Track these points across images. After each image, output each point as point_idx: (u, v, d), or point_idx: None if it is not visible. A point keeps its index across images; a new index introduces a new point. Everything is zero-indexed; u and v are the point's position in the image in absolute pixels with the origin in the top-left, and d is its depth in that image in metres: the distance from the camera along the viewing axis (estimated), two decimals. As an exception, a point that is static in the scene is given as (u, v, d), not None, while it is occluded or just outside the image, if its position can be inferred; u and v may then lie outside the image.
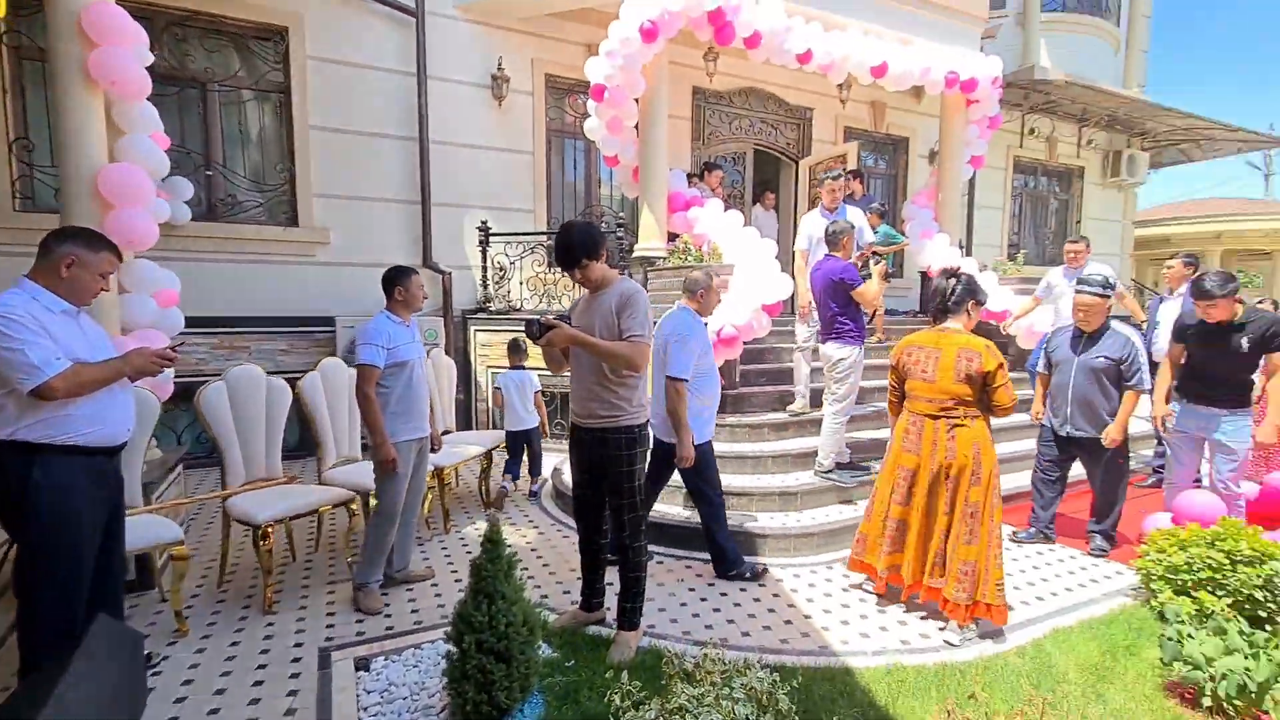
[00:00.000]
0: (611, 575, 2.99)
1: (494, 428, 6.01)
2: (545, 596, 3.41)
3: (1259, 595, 2.92)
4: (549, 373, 3.37)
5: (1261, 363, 3.72)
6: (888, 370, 3.40)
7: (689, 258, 5.37)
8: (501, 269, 6.49)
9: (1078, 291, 3.82)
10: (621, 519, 2.79)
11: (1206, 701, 2.43)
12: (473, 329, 6.30)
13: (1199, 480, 4.14)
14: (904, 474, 3.14)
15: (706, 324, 3.64)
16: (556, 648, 2.81)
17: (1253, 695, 2.35)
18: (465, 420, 6.16)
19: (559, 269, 2.97)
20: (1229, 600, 2.96)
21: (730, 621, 3.17)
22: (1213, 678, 2.41)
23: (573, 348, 2.69)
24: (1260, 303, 5.84)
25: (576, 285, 2.84)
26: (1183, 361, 3.94)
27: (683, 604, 3.34)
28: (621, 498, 2.75)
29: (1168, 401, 4.08)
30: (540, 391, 5.14)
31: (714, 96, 7.40)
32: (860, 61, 6.18)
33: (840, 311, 4.30)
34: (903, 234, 7.26)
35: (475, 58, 6.52)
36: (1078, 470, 4.15)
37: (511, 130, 6.78)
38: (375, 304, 3.44)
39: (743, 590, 3.49)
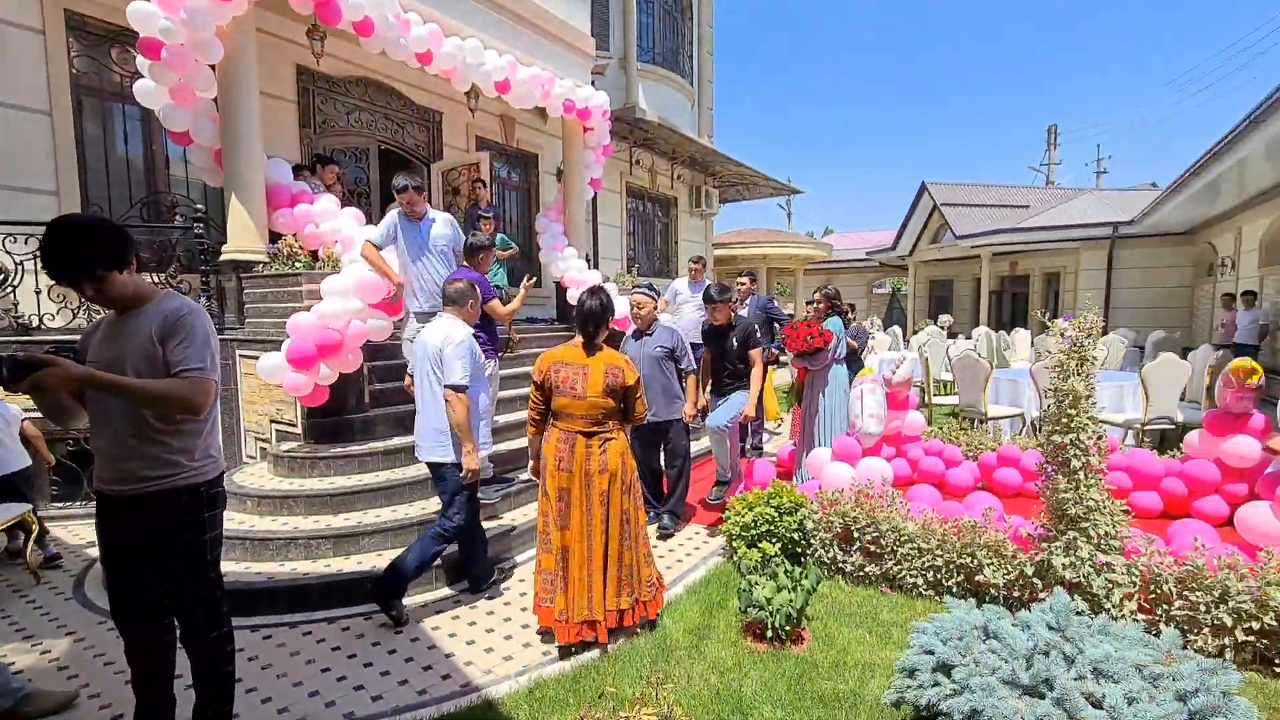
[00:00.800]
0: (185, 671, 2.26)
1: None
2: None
3: (795, 537, 3.81)
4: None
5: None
6: (530, 385, 3.25)
7: (297, 263, 4.59)
8: (3, 272, 4.58)
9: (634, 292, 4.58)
10: (193, 607, 2.12)
11: (770, 634, 3.03)
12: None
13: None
14: (561, 495, 3.07)
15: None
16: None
17: (794, 620, 3.02)
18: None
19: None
20: (780, 545, 3.80)
21: (359, 688, 2.74)
22: (772, 614, 3.02)
23: (89, 390, 1.92)
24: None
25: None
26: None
27: (297, 683, 2.76)
28: (193, 580, 2.09)
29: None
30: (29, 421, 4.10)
31: (326, 82, 6.55)
32: (485, 73, 6.20)
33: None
34: (538, 245, 7.63)
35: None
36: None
37: (7, 79, 4.82)
38: None
39: (375, 645, 3.07)
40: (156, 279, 4.73)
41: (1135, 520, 3.28)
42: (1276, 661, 2.74)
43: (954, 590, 3.41)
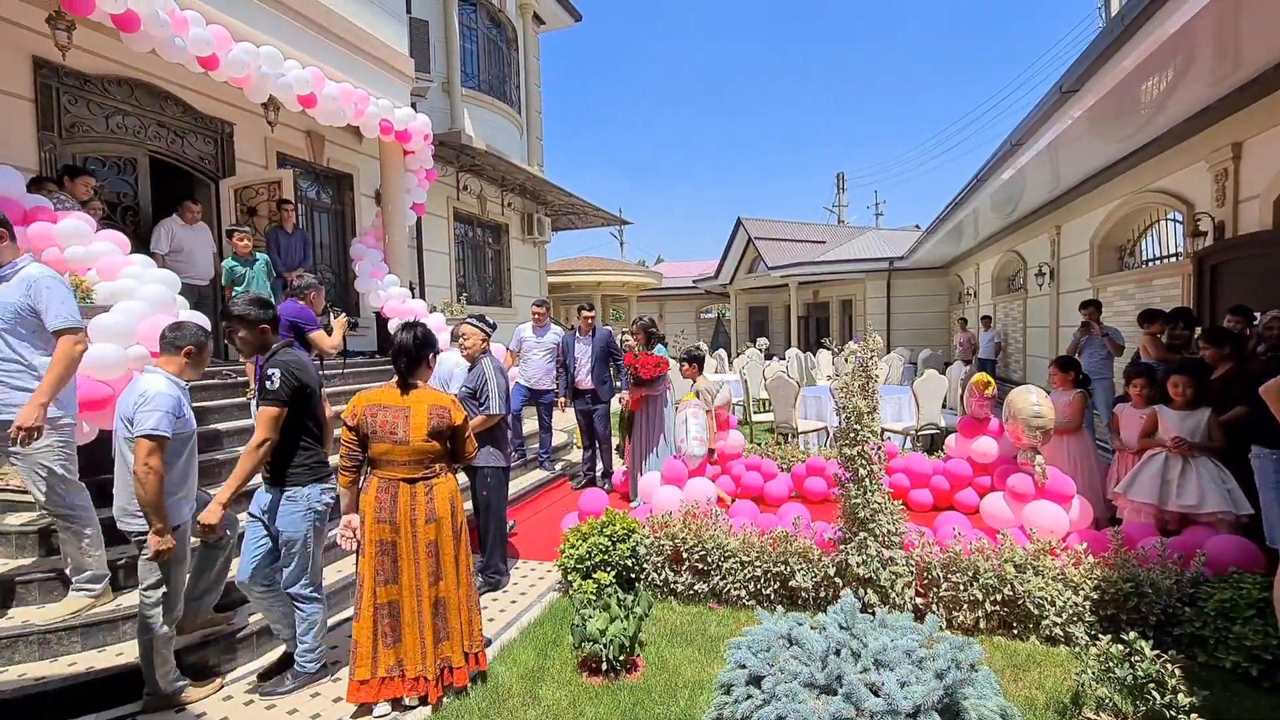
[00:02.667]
0: None
1: None
2: None
3: (629, 563, 3.87)
4: None
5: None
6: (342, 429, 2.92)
7: (30, 294, 3.76)
8: None
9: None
10: None
11: (605, 667, 3.02)
12: None
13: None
14: (384, 549, 2.80)
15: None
16: None
17: (628, 649, 3.05)
18: None
19: None
20: (615, 573, 3.83)
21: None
22: (606, 645, 3.02)
23: None
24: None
25: None
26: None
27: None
28: None
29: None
30: None
31: (76, 79, 5.53)
32: (285, 85, 5.66)
33: None
34: (354, 272, 7.10)
35: None
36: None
37: None
38: None
39: (138, 754, 2.54)
40: None
41: (912, 516, 3.81)
42: (1014, 625, 3.31)
43: (771, 598, 3.68)
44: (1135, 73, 4.62)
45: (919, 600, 3.42)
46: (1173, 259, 6.99)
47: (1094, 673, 2.54)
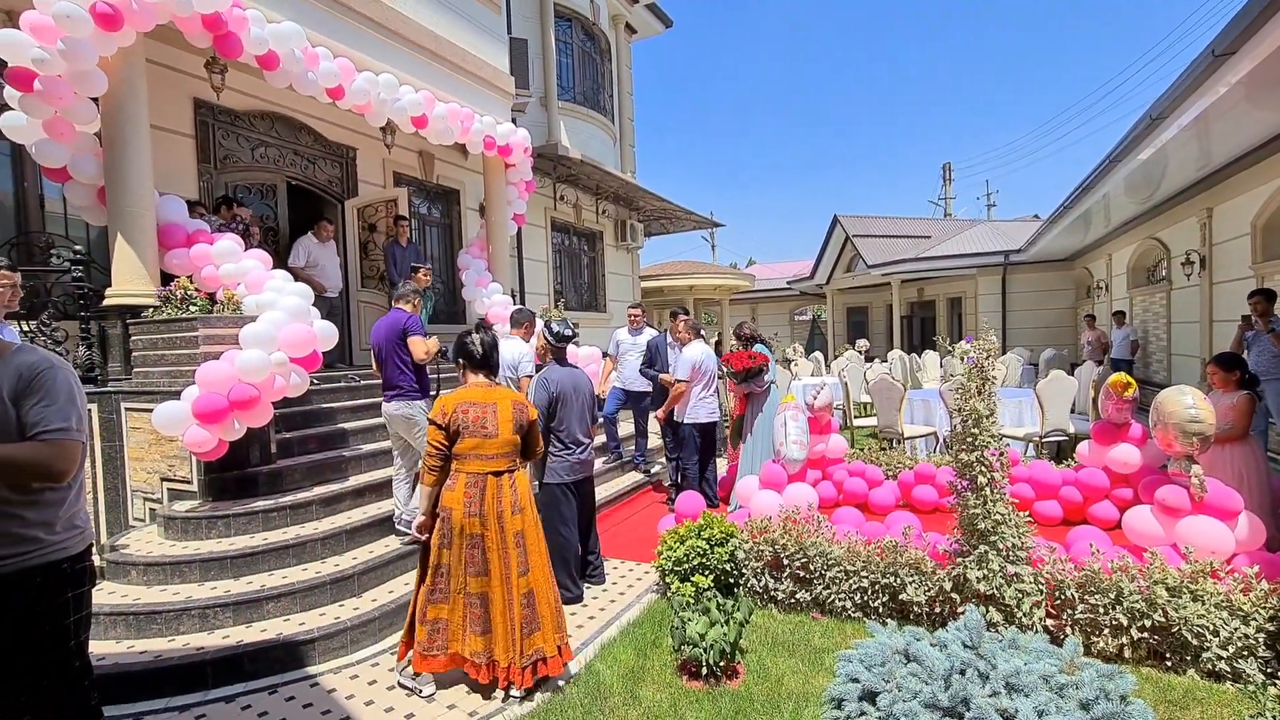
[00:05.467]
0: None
1: None
2: None
3: (727, 567, 3.81)
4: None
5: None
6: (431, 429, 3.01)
7: (192, 307, 4.28)
8: None
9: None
10: (52, 705, 1.86)
11: (704, 671, 2.99)
12: None
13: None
14: (473, 542, 2.92)
15: None
16: None
17: (729, 655, 2.99)
18: None
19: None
20: (713, 577, 3.79)
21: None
22: (706, 650, 2.98)
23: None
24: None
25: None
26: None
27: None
28: (53, 673, 1.83)
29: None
30: None
31: (227, 115, 6.24)
32: (401, 108, 6.10)
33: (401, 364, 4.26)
34: (461, 282, 7.52)
35: None
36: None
37: None
38: None
39: (280, 723, 2.79)
40: (25, 328, 4.28)
41: (1039, 530, 3.48)
42: (1167, 656, 2.94)
43: (880, 610, 3.49)
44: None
45: (1049, 622, 3.12)
46: (1363, 240, 5.98)
47: (1274, 717, 2.21)
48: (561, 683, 3.03)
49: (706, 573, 3.76)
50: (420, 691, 2.96)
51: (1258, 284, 6.90)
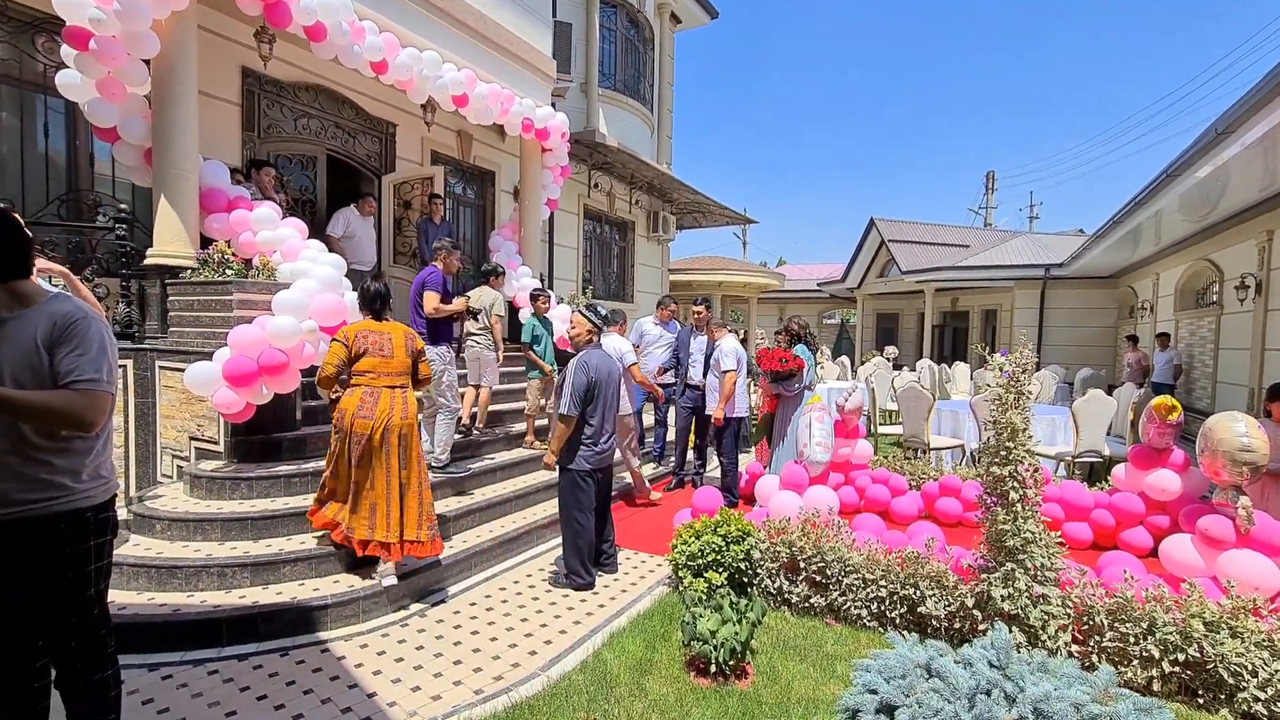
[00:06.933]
0: None
1: None
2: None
3: (742, 566, 3.75)
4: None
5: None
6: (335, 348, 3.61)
7: (229, 271, 4.33)
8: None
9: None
10: (73, 648, 1.89)
11: (713, 669, 2.94)
12: None
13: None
14: (359, 439, 3.48)
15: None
16: None
17: (739, 654, 2.94)
18: None
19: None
20: (726, 575, 3.73)
21: (267, 735, 2.50)
22: (716, 648, 2.93)
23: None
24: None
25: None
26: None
27: (196, 731, 2.51)
28: (74, 617, 1.86)
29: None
30: None
31: (273, 85, 6.31)
32: (443, 86, 6.11)
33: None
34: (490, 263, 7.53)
35: None
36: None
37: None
38: None
39: (290, 685, 2.82)
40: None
41: (1068, 551, 3.36)
42: (1199, 692, 2.81)
43: (897, 622, 3.41)
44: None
45: (1075, 648, 3.00)
46: None
47: (1316, 766, 2.08)
48: (441, 559, 3.84)
49: (720, 570, 3.70)
50: (381, 582, 3.53)
51: (1318, 313, 6.57)
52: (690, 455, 6.51)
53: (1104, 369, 13.82)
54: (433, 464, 4.65)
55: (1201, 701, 2.80)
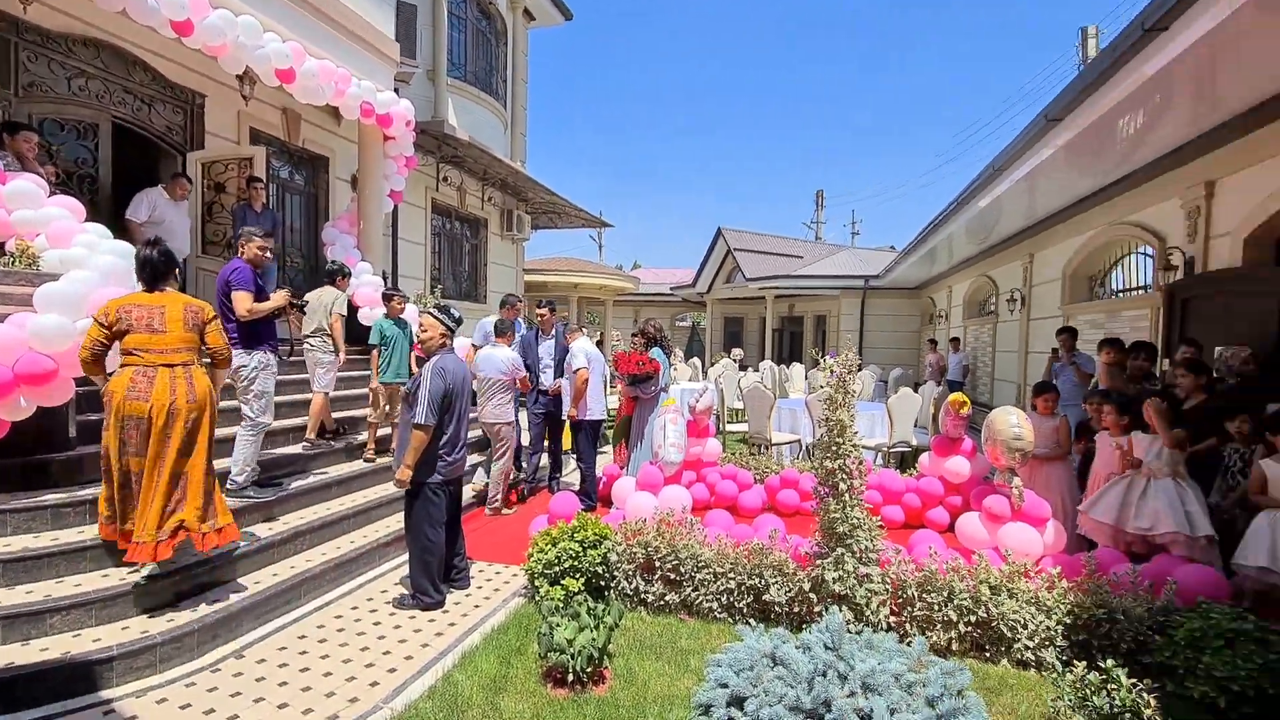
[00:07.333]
0: None
1: None
2: None
3: (600, 570, 3.75)
4: None
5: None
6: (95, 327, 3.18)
7: (-32, 257, 3.50)
8: None
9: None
10: None
11: (570, 678, 2.89)
12: None
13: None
14: (134, 424, 3.12)
15: None
16: None
17: (596, 660, 2.92)
18: None
19: None
20: (584, 580, 3.71)
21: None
22: (574, 656, 2.89)
23: None
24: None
25: None
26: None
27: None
28: None
29: None
30: None
31: (38, 35, 5.21)
32: (264, 56, 5.42)
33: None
34: (326, 258, 6.83)
35: None
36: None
37: None
38: None
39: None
40: None
41: (886, 533, 3.76)
42: (986, 647, 3.28)
43: (744, 611, 3.60)
44: (1116, 108, 4.70)
45: (892, 619, 3.37)
46: (1141, 291, 7.17)
47: (1070, 700, 2.51)
48: (244, 544, 3.63)
49: (578, 575, 3.67)
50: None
51: (1064, 322, 8.04)
52: (545, 460, 6.41)
53: (911, 369, 15.84)
54: (229, 486, 4.03)
55: (988, 655, 3.27)
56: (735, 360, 15.11)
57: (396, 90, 7.53)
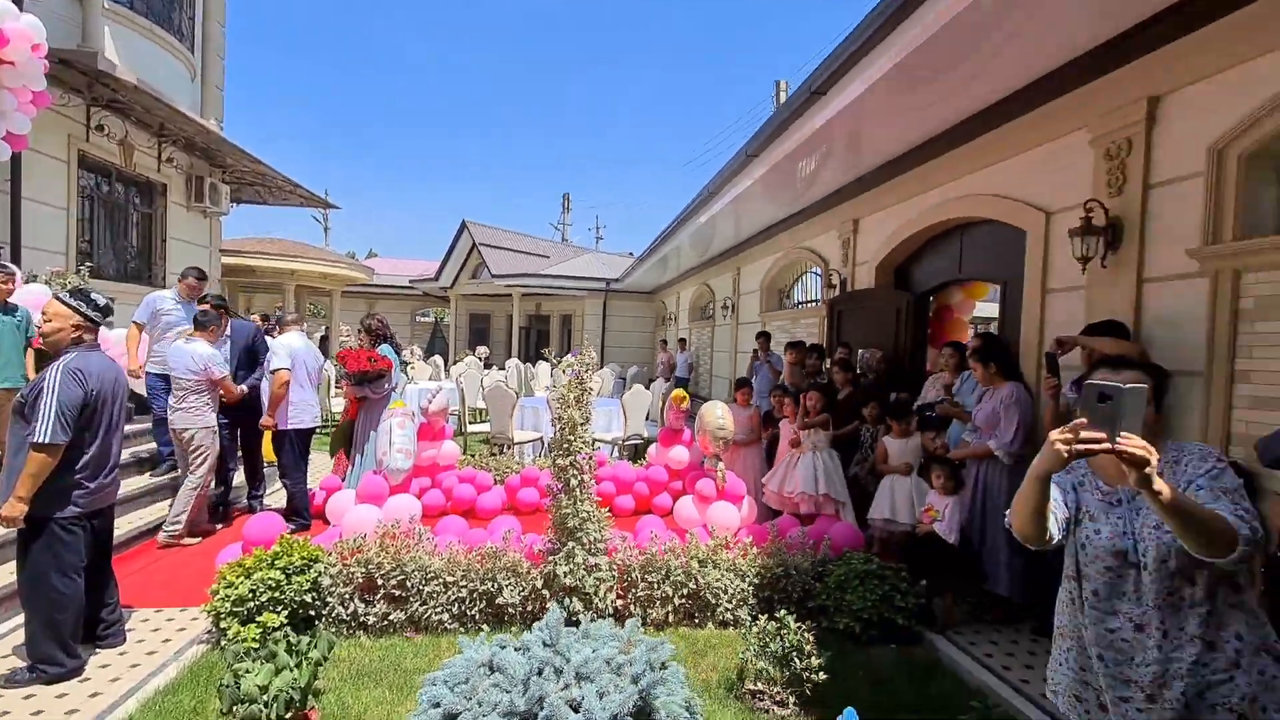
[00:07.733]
0: None
1: None
2: None
3: (308, 599, 3.29)
4: None
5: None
6: None
7: None
8: None
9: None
10: None
11: (261, 732, 2.46)
12: None
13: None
14: None
15: None
16: None
17: (299, 704, 2.54)
18: None
19: None
20: (288, 613, 3.22)
21: None
22: (268, 704, 2.47)
23: None
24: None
25: None
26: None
27: None
28: None
29: None
30: None
31: None
32: None
33: None
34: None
35: None
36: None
37: None
38: None
39: None
40: None
41: (616, 521, 4.01)
42: (696, 615, 3.69)
43: (478, 618, 3.49)
44: (794, 152, 5.72)
45: (619, 603, 3.58)
46: (813, 303, 8.85)
47: (754, 649, 2.94)
48: None
49: (280, 609, 3.17)
50: None
51: (762, 327, 9.52)
52: (240, 479, 5.44)
53: (646, 366, 17.27)
54: None
55: (697, 621, 3.68)
56: (480, 358, 14.77)
57: (19, 4, 5.67)
